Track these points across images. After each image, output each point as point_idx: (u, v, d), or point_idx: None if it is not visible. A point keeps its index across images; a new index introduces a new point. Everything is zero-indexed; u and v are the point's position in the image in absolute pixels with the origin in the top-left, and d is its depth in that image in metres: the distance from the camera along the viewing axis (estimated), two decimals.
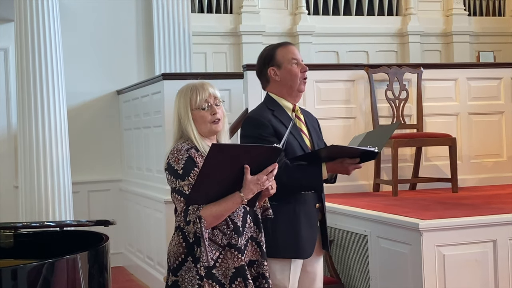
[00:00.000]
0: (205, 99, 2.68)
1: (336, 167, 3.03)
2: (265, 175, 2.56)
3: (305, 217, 3.06)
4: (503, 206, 4.14)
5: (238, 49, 8.54)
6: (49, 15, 5.69)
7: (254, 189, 2.56)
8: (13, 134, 6.95)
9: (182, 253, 2.63)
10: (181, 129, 2.71)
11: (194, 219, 2.52)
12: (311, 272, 3.17)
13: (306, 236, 3.06)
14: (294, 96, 3.17)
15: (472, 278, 3.61)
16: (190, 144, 2.66)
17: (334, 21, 8.93)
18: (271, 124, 3.04)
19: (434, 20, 9.36)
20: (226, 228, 2.64)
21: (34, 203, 5.57)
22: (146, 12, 7.29)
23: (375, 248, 3.98)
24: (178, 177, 2.60)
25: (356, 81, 5.40)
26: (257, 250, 2.75)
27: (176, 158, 2.61)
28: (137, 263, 6.53)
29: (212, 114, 2.68)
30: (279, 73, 3.14)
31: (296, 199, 3.05)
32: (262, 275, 2.73)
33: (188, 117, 2.68)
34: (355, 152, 3.02)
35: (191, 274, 2.60)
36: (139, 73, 7.25)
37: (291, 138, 3.04)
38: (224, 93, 5.61)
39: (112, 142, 7.21)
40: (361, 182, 5.34)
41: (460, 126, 5.61)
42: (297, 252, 3.05)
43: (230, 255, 2.63)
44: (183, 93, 2.72)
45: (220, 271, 2.61)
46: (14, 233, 3.20)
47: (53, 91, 5.64)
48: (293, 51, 3.16)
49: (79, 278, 2.70)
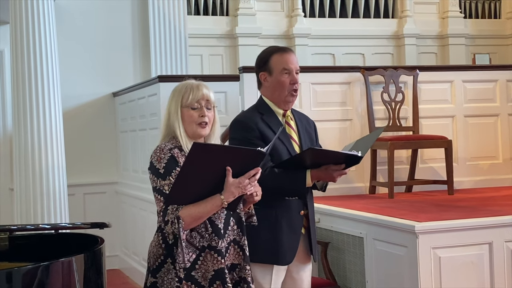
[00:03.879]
0: (197, 99, 2.65)
1: (321, 173, 2.98)
2: (247, 179, 2.52)
3: (288, 223, 3.04)
4: (499, 208, 4.15)
5: (234, 51, 8.54)
6: (44, 17, 5.69)
7: (235, 192, 2.52)
8: (8, 136, 6.94)
9: (161, 254, 2.61)
10: (168, 125, 2.68)
11: (173, 219, 2.49)
12: (297, 278, 3.15)
13: (287, 242, 3.03)
14: (282, 105, 3.13)
15: (468, 280, 3.61)
16: (174, 143, 2.63)
17: (330, 24, 8.94)
18: (258, 127, 3.03)
19: (430, 23, 9.38)
20: (204, 231, 2.60)
21: (29, 206, 5.56)
22: (142, 14, 7.29)
23: (371, 250, 3.97)
24: (159, 176, 2.57)
25: (352, 83, 5.41)
26: (240, 253, 2.70)
27: (158, 157, 2.59)
28: (133, 266, 6.52)
29: (200, 116, 2.65)
30: (269, 79, 3.12)
31: (279, 205, 3.03)
32: (244, 279, 2.67)
33: (177, 114, 2.65)
34: (339, 158, 2.97)
35: (170, 276, 2.58)
36: (135, 75, 7.24)
37: (280, 144, 3.02)
38: (220, 96, 5.61)
39: (108, 144, 7.20)
40: (357, 184, 5.34)
41: (456, 129, 5.62)
42: (277, 258, 3.03)
43: (210, 257, 2.59)
44: (178, 90, 2.70)
45: (200, 273, 2.58)
46: (9, 236, 3.19)
47: (49, 94, 5.64)
48: (287, 61, 3.10)
49: (74, 281, 2.69)
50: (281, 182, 2.97)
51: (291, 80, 3.10)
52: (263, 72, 3.14)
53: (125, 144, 6.88)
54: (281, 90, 3.10)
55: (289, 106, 3.16)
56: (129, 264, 6.70)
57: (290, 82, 3.10)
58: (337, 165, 2.96)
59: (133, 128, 6.57)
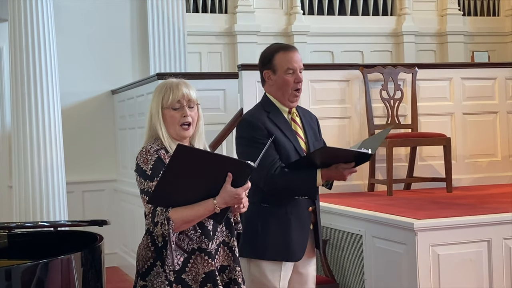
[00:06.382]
0: (178, 99, 2.59)
1: (331, 173, 2.98)
2: (244, 191, 2.50)
3: (297, 220, 3.04)
4: (498, 206, 4.15)
5: (233, 49, 8.53)
6: (43, 15, 5.68)
7: (229, 201, 2.49)
8: (7, 134, 6.94)
9: (150, 257, 2.57)
10: (152, 127, 2.63)
11: (162, 220, 2.45)
12: (303, 273, 3.16)
13: (297, 239, 3.04)
14: (286, 103, 3.13)
15: (467, 278, 3.61)
16: (160, 145, 2.59)
17: (329, 21, 8.92)
18: (265, 126, 3.02)
19: (429, 20, 9.37)
20: (193, 233, 2.56)
21: (28, 203, 5.56)
22: (141, 11, 7.28)
23: (369, 247, 3.98)
24: (147, 178, 2.53)
25: (351, 81, 5.41)
26: (229, 255, 2.66)
27: (145, 159, 2.55)
28: (132, 263, 6.51)
29: (182, 116, 2.59)
30: (273, 77, 3.11)
31: (288, 202, 3.03)
32: (235, 280, 2.64)
33: (158, 115, 2.60)
34: (349, 156, 2.98)
35: (160, 279, 2.52)
36: (134, 73, 7.23)
37: (286, 141, 3.02)
38: (219, 93, 5.61)
39: (107, 142, 7.19)
40: (356, 182, 5.34)
41: (454, 126, 5.62)
42: (287, 255, 3.03)
43: (200, 259, 2.55)
44: (158, 90, 2.64)
45: (190, 276, 2.54)
46: (8, 233, 3.19)
47: (47, 91, 5.63)
48: (292, 59, 3.09)
49: (73, 278, 2.69)
50: (292, 182, 2.97)
51: (296, 79, 3.09)
52: (267, 70, 3.12)
53: (124, 141, 6.88)
54: (285, 89, 3.09)
55: (294, 104, 3.16)
56: (128, 261, 6.70)
57: (295, 81, 3.09)
58: (347, 163, 2.96)
59: (131, 126, 6.56)
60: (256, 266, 3.04)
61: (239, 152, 3.08)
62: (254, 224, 2.96)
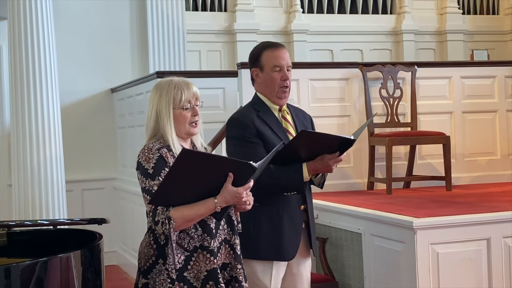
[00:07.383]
0: (189, 99, 2.62)
1: (317, 165, 2.96)
2: (245, 191, 2.51)
3: (289, 219, 3.03)
4: (497, 204, 4.15)
5: (233, 47, 8.52)
6: (42, 13, 5.68)
7: (230, 200, 2.50)
8: (6, 132, 6.94)
9: (152, 255, 2.58)
10: (157, 127, 2.63)
11: (163, 219, 2.46)
12: (297, 273, 3.14)
13: (289, 238, 3.03)
14: (275, 101, 3.12)
15: (466, 276, 3.62)
16: (162, 143, 2.60)
17: (329, 20, 8.92)
18: (254, 125, 3.01)
19: (428, 19, 9.37)
20: (194, 232, 2.57)
21: (27, 202, 5.56)
22: (140, 10, 7.28)
23: (369, 246, 3.98)
24: (148, 177, 2.54)
25: (350, 79, 5.41)
26: (231, 253, 2.67)
27: (147, 157, 2.56)
28: (131, 262, 6.52)
29: (193, 115, 2.63)
30: (261, 75, 3.11)
31: (279, 200, 3.02)
32: (236, 278, 2.65)
33: (169, 115, 2.61)
34: (333, 145, 2.95)
35: (162, 277, 2.53)
36: (133, 71, 7.23)
37: (276, 139, 3.00)
38: (218, 91, 5.61)
39: (106, 140, 7.19)
40: (355, 180, 5.34)
41: (454, 125, 5.62)
42: (279, 255, 3.03)
43: (202, 257, 2.56)
44: (165, 90, 2.63)
45: (192, 274, 2.55)
46: (7, 232, 3.19)
47: (47, 89, 5.63)
48: (278, 57, 3.08)
49: (72, 277, 2.69)
50: (278, 178, 2.95)
51: (282, 77, 3.08)
52: (255, 69, 3.13)
53: (123, 140, 6.88)
54: (272, 87, 3.09)
55: (284, 102, 3.14)
56: (127, 260, 6.71)
57: (281, 78, 3.08)
58: (331, 154, 2.95)
59: (131, 124, 6.56)
60: (248, 266, 3.03)
61: (229, 152, 3.07)
62: (246, 223, 2.95)
